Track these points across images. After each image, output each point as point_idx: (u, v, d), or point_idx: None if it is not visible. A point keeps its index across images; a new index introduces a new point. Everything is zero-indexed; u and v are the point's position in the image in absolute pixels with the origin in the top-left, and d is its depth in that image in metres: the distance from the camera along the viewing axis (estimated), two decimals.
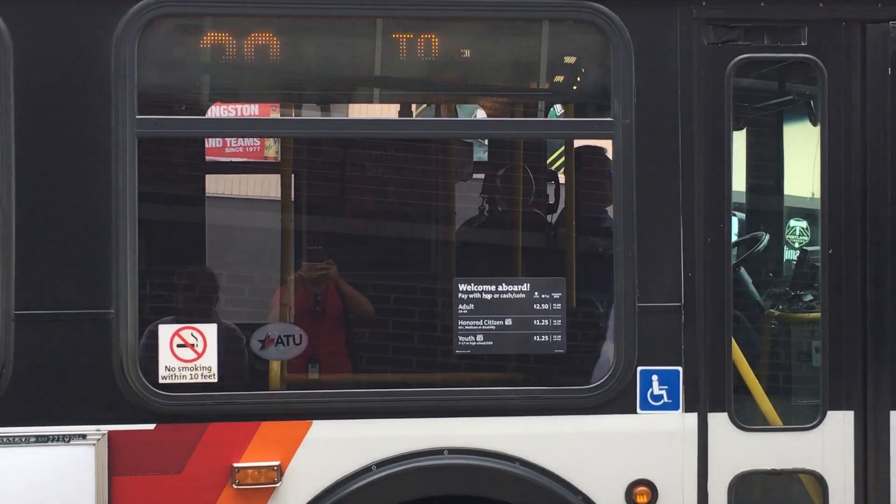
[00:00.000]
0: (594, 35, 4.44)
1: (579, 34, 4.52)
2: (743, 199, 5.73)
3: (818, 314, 4.65)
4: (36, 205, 4.23)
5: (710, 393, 4.47)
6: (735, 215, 5.34)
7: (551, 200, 5.62)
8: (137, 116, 4.25)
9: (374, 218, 5.51)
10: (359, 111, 5.01)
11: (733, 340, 4.51)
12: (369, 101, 4.75)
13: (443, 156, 5.34)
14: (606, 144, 4.52)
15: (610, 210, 4.62)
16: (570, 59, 4.67)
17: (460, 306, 4.41)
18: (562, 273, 4.93)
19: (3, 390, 4.20)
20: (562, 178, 5.54)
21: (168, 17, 4.29)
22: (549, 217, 5.64)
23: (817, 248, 4.74)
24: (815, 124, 4.75)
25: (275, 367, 4.47)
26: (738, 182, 5.14)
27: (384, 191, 5.48)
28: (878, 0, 4.52)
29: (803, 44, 4.55)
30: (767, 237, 5.64)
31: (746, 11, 4.51)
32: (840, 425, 4.57)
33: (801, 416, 4.64)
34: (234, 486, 4.30)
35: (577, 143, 5.17)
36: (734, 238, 5.28)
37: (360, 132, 4.55)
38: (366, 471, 4.35)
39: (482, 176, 5.91)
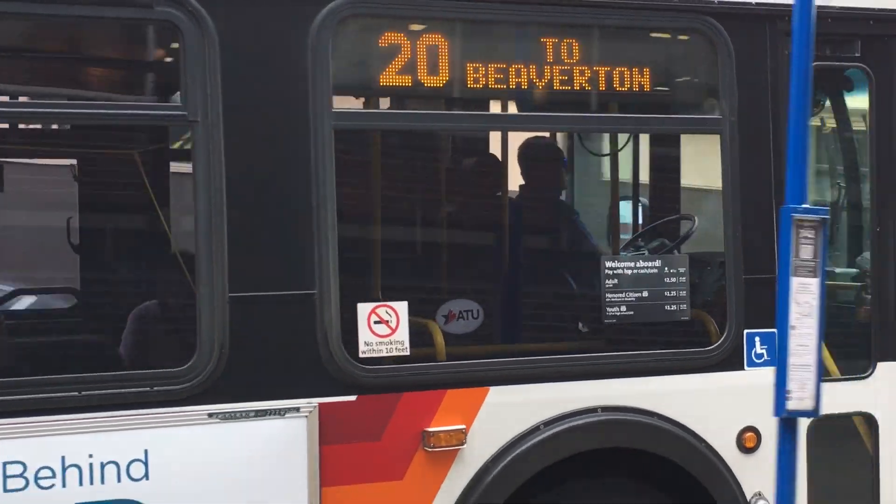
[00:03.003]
0: (705, 44, 5.13)
1: (694, 43, 5.19)
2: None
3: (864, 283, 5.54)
4: (244, 194, 4.48)
5: None
6: None
7: None
8: (333, 109, 4.58)
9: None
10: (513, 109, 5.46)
11: None
12: (524, 102, 5.23)
13: None
14: (714, 139, 5.21)
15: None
16: (683, 64, 5.33)
17: (607, 281, 5.00)
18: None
19: (222, 369, 4.43)
20: None
21: (359, 16, 4.64)
22: None
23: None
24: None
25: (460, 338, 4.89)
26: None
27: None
28: None
29: (857, 55, 5.42)
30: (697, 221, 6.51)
31: (817, 26, 5.31)
32: (886, 374, 5.47)
33: (857, 368, 5.50)
34: (426, 450, 4.70)
35: None
36: None
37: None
38: (535, 430, 4.85)
39: None
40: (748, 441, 5.17)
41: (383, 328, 4.65)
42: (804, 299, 4.04)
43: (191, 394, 4.38)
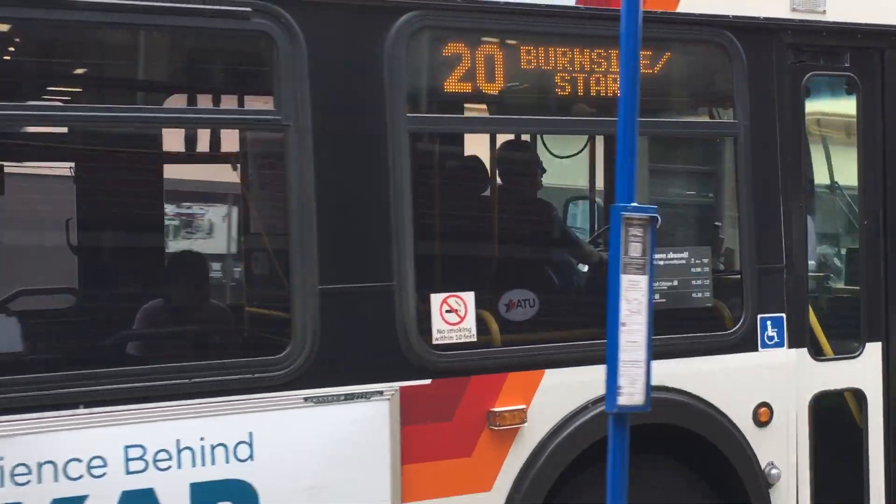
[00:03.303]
0: (722, 55, 5.64)
1: (713, 54, 5.68)
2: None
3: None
4: (330, 193, 4.81)
5: (797, 332, 5.80)
6: None
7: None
8: (408, 114, 4.95)
9: None
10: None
11: None
12: (568, 107, 5.65)
13: None
14: (729, 141, 5.73)
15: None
16: (704, 72, 5.83)
17: None
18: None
19: (314, 356, 4.75)
20: None
21: (428, 28, 5.02)
22: None
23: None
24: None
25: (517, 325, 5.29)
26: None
27: None
28: (892, 34, 6.05)
29: (846, 65, 6.00)
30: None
31: (813, 39, 5.88)
32: (873, 353, 6.06)
33: (848, 348, 6.08)
34: (492, 428, 5.09)
35: None
36: None
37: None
38: (584, 409, 5.28)
39: None
40: (762, 416, 5.69)
41: (453, 317, 5.03)
42: (633, 296, 4.16)
43: (288, 380, 4.70)
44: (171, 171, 6.05)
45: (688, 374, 5.52)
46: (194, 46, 5.28)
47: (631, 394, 4.20)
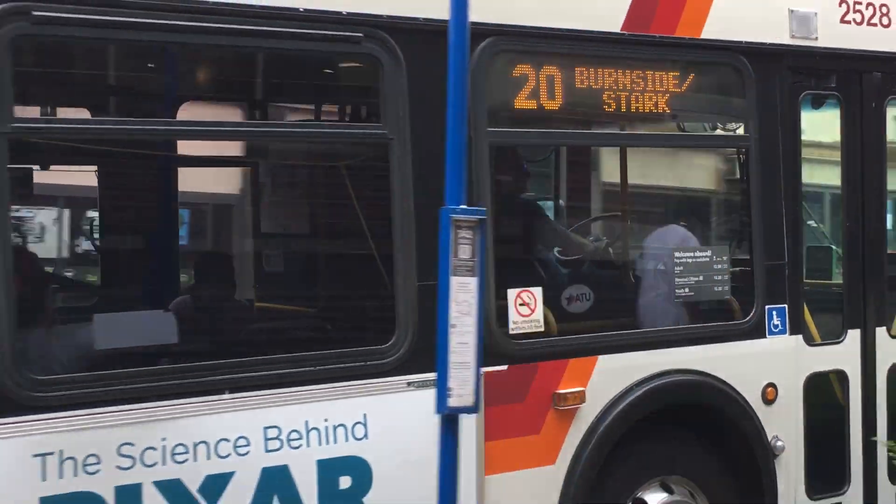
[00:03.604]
0: (736, 76, 6.37)
1: (726, 75, 6.41)
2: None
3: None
4: (426, 199, 5.34)
5: (795, 321, 6.58)
6: None
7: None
8: (488, 129, 5.54)
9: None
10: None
11: None
12: (617, 123, 6.30)
13: None
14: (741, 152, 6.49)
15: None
16: (720, 92, 6.54)
17: (676, 268, 6.16)
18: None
19: (414, 346, 5.31)
20: None
21: (505, 52, 5.61)
22: None
23: None
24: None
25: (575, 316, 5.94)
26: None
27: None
28: (868, 59, 6.88)
29: (833, 85, 6.80)
30: None
31: (808, 62, 6.66)
32: (854, 339, 6.88)
33: (833, 334, 6.88)
34: (556, 408, 5.72)
35: None
36: None
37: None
38: (629, 390, 5.95)
39: None
40: (769, 395, 6.45)
41: (525, 309, 5.65)
42: (463, 298, 4.16)
43: (393, 366, 5.25)
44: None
45: (709, 358, 6.24)
46: (313, 67, 5.79)
47: (461, 395, 4.21)
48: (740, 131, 6.52)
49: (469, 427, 5.40)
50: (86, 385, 4.61)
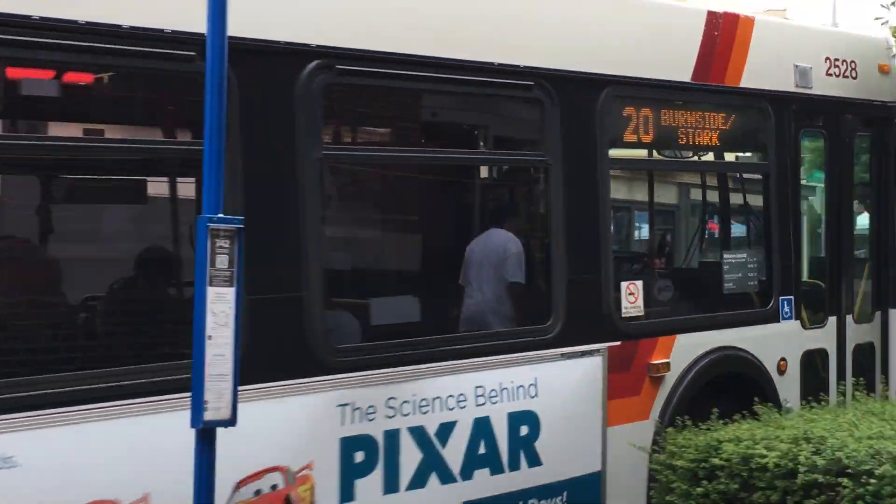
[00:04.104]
0: (762, 118, 8.12)
1: (757, 117, 8.15)
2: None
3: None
4: (574, 213, 6.85)
5: (797, 309, 8.37)
6: None
7: None
8: (609, 157, 7.11)
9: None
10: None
11: None
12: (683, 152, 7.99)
13: None
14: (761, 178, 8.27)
15: None
16: (752, 129, 8.28)
17: (724, 266, 7.87)
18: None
19: (564, 325, 6.81)
20: None
21: (621, 97, 7.20)
22: None
23: None
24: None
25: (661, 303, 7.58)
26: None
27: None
28: (845, 103, 8.73)
29: (820, 124, 8.63)
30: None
31: (805, 106, 8.47)
32: (832, 324, 8.72)
33: (817, 320, 8.70)
34: (650, 376, 7.32)
35: None
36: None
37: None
38: (696, 362, 7.59)
39: None
40: (782, 367, 8.20)
41: (632, 297, 7.24)
42: (220, 309, 3.99)
43: (551, 342, 6.76)
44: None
45: (743, 338, 7.96)
46: (492, 106, 7.26)
47: (217, 408, 4.06)
48: (763, 160, 8.28)
49: (597, 388, 6.98)
50: (369, 352, 5.99)
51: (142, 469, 4.94)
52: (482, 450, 6.38)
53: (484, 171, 7.89)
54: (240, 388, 4.47)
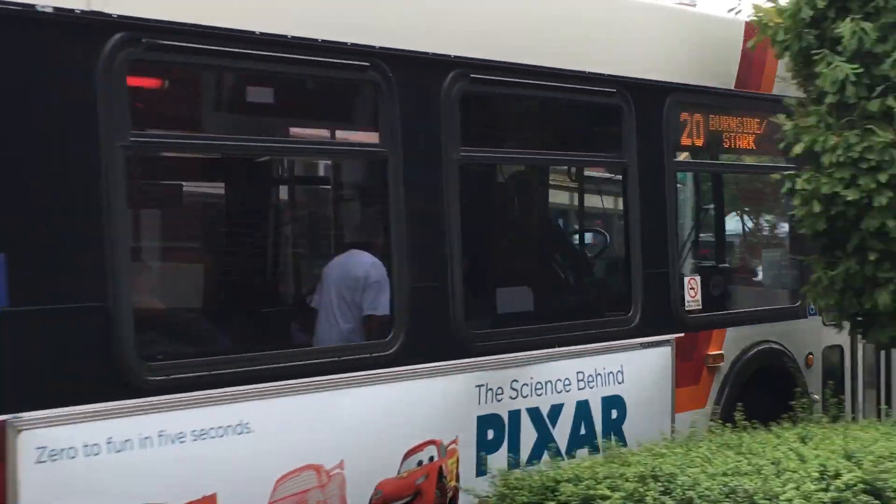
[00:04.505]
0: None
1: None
2: None
3: None
4: (646, 214, 7.45)
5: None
6: None
7: None
8: (674, 159, 7.71)
9: None
10: None
11: None
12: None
13: None
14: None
15: None
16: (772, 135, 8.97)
17: (764, 263, 8.52)
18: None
19: (640, 318, 7.38)
20: None
21: (682, 103, 7.81)
22: None
23: None
24: None
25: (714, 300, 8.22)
26: None
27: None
28: None
29: None
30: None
31: None
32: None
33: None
34: (707, 366, 7.91)
35: None
36: None
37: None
38: (743, 353, 8.21)
39: None
40: (810, 361, 8.87)
41: (693, 292, 7.83)
42: None
43: (631, 332, 7.32)
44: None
45: (777, 332, 8.61)
46: (575, 113, 7.84)
47: None
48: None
49: (667, 376, 7.55)
50: (499, 338, 6.50)
51: (341, 438, 5.43)
52: (582, 430, 6.91)
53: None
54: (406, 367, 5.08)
